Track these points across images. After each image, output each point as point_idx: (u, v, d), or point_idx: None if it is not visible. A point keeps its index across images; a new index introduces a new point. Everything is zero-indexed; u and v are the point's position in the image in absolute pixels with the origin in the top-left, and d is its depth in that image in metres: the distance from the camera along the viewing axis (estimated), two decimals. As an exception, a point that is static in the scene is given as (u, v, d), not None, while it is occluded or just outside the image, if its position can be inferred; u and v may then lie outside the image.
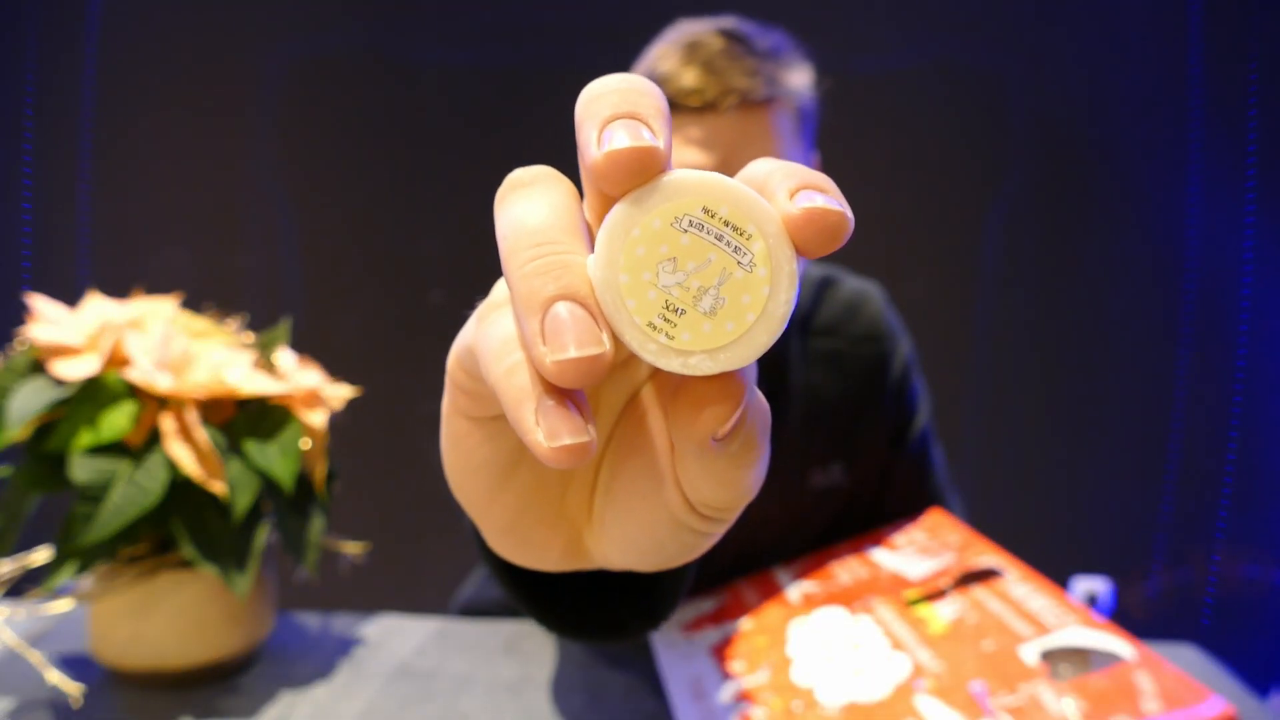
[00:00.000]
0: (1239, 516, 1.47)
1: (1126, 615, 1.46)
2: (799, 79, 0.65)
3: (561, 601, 0.38)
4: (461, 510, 0.29)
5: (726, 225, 0.17)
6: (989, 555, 0.59)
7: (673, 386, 0.19)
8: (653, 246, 0.17)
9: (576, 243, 0.17)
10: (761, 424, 0.20)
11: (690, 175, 0.17)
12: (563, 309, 0.16)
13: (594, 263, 0.17)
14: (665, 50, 0.65)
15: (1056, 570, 0.70)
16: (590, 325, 0.16)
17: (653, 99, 0.18)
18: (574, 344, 0.16)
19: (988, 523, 0.72)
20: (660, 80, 0.63)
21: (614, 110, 0.17)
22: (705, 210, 0.17)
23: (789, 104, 0.64)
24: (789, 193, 0.17)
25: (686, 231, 0.17)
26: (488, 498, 0.24)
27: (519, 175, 0.19)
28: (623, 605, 0.38)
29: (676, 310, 0.17)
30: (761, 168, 0.18)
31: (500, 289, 0.20)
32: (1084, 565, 1.45)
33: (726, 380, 0.18)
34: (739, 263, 0.17)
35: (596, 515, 0.25)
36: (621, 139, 0.17)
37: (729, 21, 0.66)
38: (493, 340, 0.19)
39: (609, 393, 0.24)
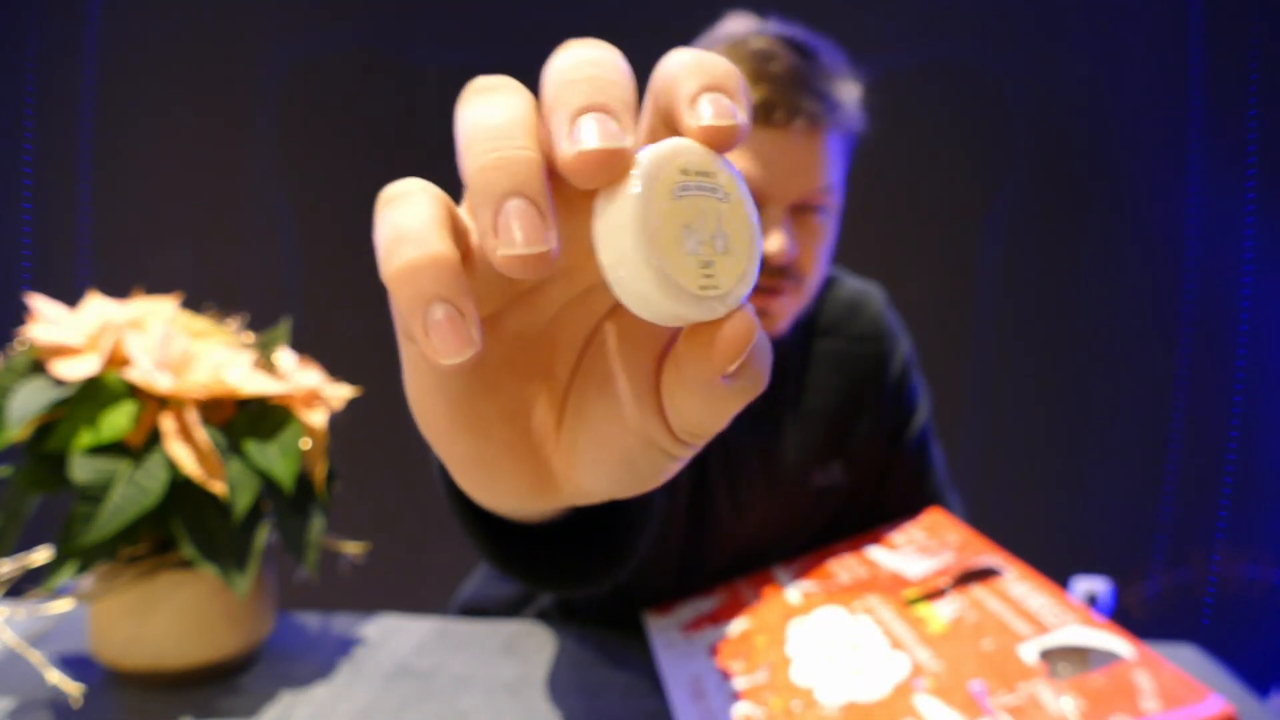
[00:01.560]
0: (1239, 516, 1.47)
1: (1126, 615, 1.46)
2: (856, 104, 0.66)
3: (527, 549, 0.38)
4: (432, 453, 0.28)
5: (700, 174, 0.18)
6: (988, 554, 0.59)
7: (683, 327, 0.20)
8: (671, 224, 0.18)
9: (533, 142, 0.18)
10: (765, 360, 0.21)
11: (661, 148, 0.18)
12: (515, 206, 0.17)
13: (635, 263, 0.18)
14: (730, 58, 0.63)
15: (1056, 570, 0.70)
16: (539, 223, 0.17)
17: (621, 88, 0.18)
18: (523, 241, 0.17)
19: (988, 523, 0.72)
20: None
21: (585, 101, 0.18)
22: (683, 171, 0.18)
23: (845, 128, 0.65)
24: (690, 100, 0.18)
25: (683, 197, 0.18)
26: (448, 422, 0.24)
27: (483, 81, 0.20)
28: (586, 553, 0.39)
29: (708, 264, 0.18)
30: (673, 66, 0.19)
31: (397, 184, 0.20)
32: (1084, 565, 1.45)
33: (740, 318, 0.19)
34: (718, 199, 0.18)
35: (566, 442, 0.25)
36: (591, 137, 0.17)
37: (793, 31, 0.65)
38: (381, 234, 0.19)
39: (572, 324, 0.24)
